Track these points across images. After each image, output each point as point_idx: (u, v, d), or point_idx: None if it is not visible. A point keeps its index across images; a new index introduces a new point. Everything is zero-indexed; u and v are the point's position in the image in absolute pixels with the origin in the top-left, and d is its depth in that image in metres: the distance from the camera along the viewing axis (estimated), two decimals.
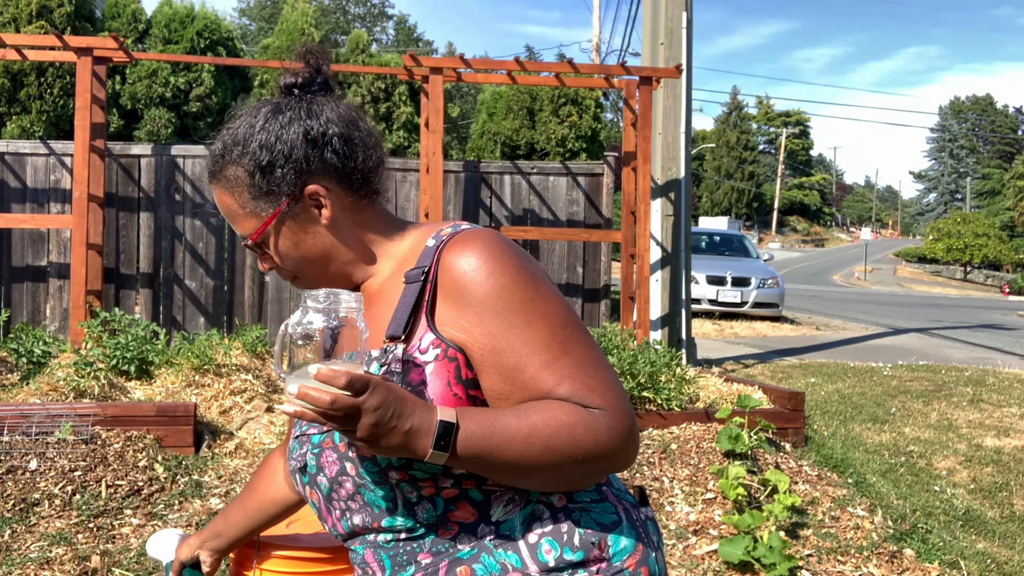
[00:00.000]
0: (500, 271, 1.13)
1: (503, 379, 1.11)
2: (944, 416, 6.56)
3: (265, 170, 1.21)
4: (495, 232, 1.20)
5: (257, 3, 41.17)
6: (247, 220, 1.23)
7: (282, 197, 1.21)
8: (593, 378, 1.11)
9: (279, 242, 1.23)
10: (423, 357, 1.14)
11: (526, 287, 1.14)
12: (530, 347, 1.10)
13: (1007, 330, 16.43)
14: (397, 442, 1.01)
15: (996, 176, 71.04)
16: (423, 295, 1.17)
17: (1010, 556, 3.99)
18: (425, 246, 1.22)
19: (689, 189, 8.21)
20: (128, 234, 7.46)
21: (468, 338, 1.13)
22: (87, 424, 4.22)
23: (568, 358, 1.11)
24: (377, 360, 1.16)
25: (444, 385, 1.12)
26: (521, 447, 1.05)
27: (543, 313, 1.13)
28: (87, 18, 10.62)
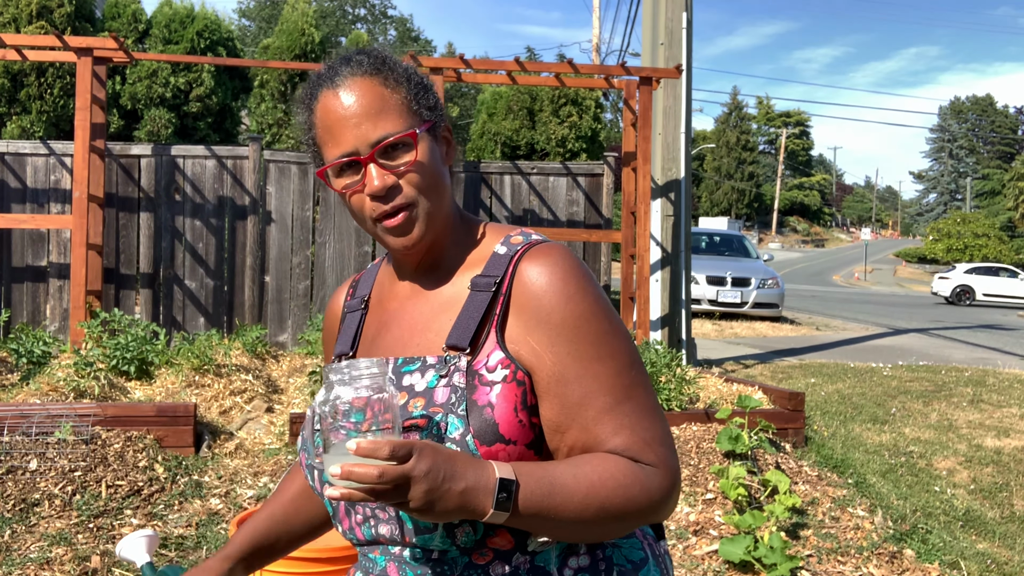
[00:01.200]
0: (580, 297, 1.09)
1: (563, 412, 1.07)
2: (944, 416, 6.56)
3: (425, 87, 1.18)
4: (569, 250, 1.14)
5: (257, 3, 41.17)
6: (404, 118, 1.13)
7: (432, 117, 1.17)
8: (649, 431, 1.08)
9: (429, 151, 1.14)
10: (490, 376, 1.08)
11: (601, 319, 1.10)
12: (596, 385, 1.07)
13: (1007, 330, 16.43)
14: (454, 504, 0.96)
15: (996, 176, 71.03)
16: (492, 307, 1.11)
17: (1010, 556, 3.99)
18: (494, 252, 1.16)
19: (689, 189, 8.21)
20: (128, 234, 7.46)
21: (537, 362, 1.08)
22: (87, 424, 4.22)
23: (629, 404, 1.08)
24: (435, 369, 1.10)
25: (511, 410, 1.06)
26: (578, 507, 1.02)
27: (614, 351, 1.09)
28: (87, 18, 10.62)
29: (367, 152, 1.11)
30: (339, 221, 7.79)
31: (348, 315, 1.32)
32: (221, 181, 7.57)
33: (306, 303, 7.75)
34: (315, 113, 1.16)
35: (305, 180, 7.72)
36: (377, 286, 1.31)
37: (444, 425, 1.05)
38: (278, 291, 7.68)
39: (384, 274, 1.31)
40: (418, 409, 1.07)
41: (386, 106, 1.12)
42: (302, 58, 11.09)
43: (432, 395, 1.08)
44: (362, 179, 1.13)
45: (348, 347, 1.27)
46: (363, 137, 1.11)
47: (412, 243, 1.14)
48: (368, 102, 1.12)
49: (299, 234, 7.73)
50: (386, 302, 1.26)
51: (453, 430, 1.05)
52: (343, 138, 1.11)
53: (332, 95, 1.13)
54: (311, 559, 1.48)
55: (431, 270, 1.21)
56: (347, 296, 1.36)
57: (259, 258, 7.59)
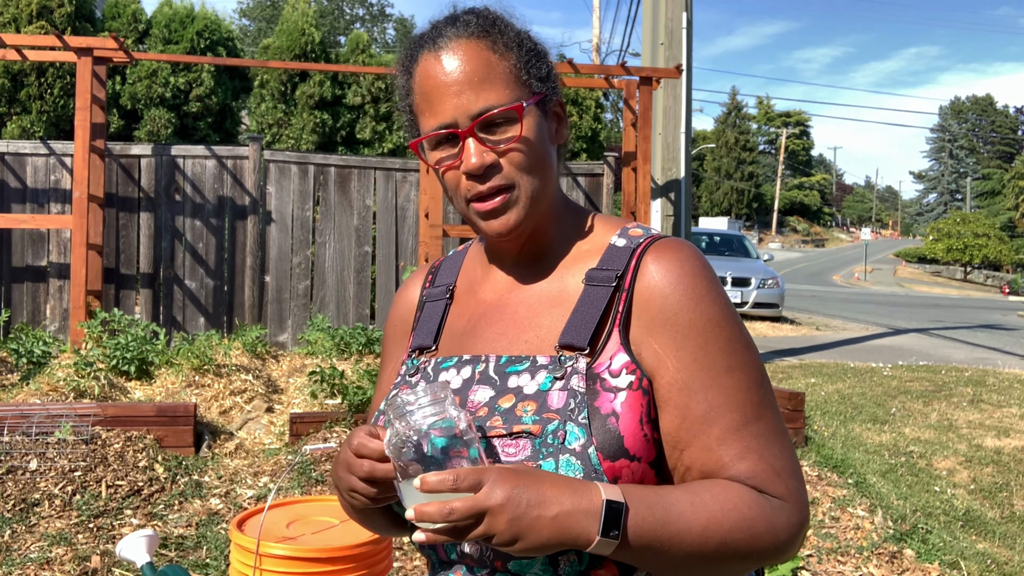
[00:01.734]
0: (711, 298, 0.98)
1: (684, 426, 0.95)
2: (944, 416, 6.56)
3: (538, 53, 1.05)
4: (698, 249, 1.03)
5: (257, 3, 41.18)
6: (510, 88, 1.00)
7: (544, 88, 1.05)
8: (779, 458, 0.95)
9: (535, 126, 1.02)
10: (614, 381, 0.96)
11: (733, 326, 0.98)
12: (724, 399, 0.95)
13: (1007, 330, 16.43)
14: (548, 533, 0.84)
15: (996, 176, 71.05)
16: (613, 303, 0.99)
17: (1010, 556, 3.99)
18: (611, 244, 1.05)
19: (689, 189, 8.21)
20: (128, 234, 7.46)
21: (658, 366, 0.96)
22: (87, 424, 4.22)
23: (758, 425, 0.95)
24: (548, 370, 0.98)
25: (636, 422, 0.94)
26: (696, 541, 0.89)
27: (744, 362, 0.97)
28: (87, 18, 10.62)
29: (466, 125, 0.99)
30: (339, 221, 7.79)
31: (428, 304, 1.18)
32: (221, 181, 7.57)
33: (306, 303, 7.75)
34: (413, 77, 1.04)
35: (305, 180, 7.72)
36: (465, 274, 1.19)
37: (562, 434, 0.93)
38: (278, 291, 7.67)
39: (474, 261, 1.19)
40: (529, 414, 0.95)
41: (491, 74, 1.00)
42: (302, 58, 11.09)
43: (546, 399, 0.96)
44: (459, 154, 1.01)
45: (430, 340, 1.13)
46: (463, 108, 0.99)
47: (507, 229, 1.02)
48: (472, 69, 0.99)
49: (299, 234, 7.73)
50: (479, 292, 1.14)
51: (573, 440, 0.92)
52: (441, 108, 1.00)
53: (433, 59, 1.01)
54: (311, 559, 1.48)
55: (534, 260, 1.09)
56: (426, 283, 1.22)
57: (259, 258, 7.59)
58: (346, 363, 6.27)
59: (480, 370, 1.03)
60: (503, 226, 1.02)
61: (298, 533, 1.58)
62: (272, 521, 1.62)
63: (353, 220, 7.81)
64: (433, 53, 1.01)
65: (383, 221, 7.91)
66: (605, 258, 1.03)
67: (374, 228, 7.91)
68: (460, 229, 7.37)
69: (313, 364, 6.24)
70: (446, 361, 1.08)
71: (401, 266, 7.89)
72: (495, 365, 1.02)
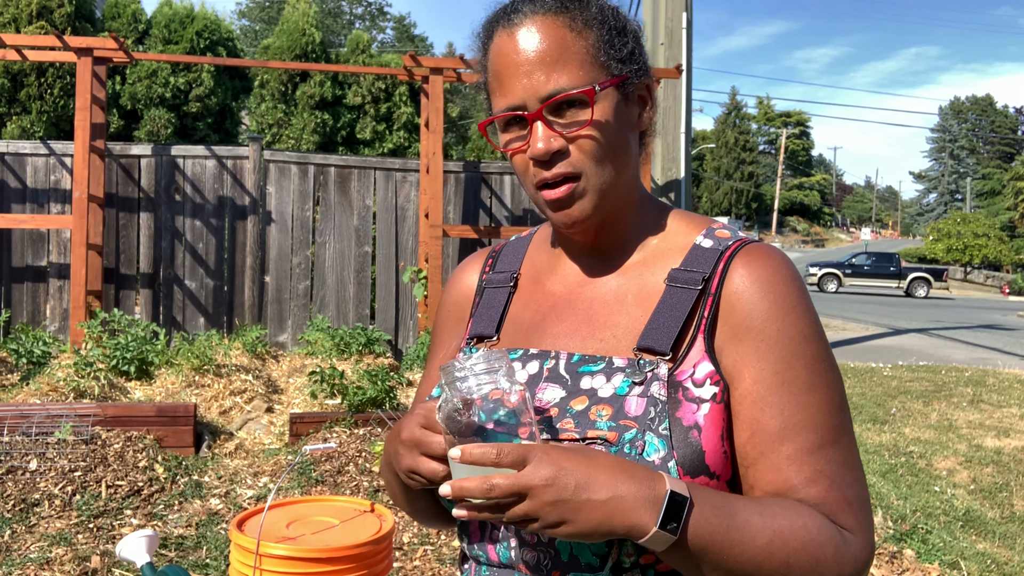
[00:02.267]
0: (802, 311, 0.92)
1: (753, 441, 0.89)
2: (944, 416, 6.56)
3: (622, 32, 0.98)
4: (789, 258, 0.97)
5: (257, 3, 41.19)
6: (585, 70, 0.94)
7: (626, 69, 0.97)
8: (851, 487, 0.90)
9: (611, 112, 0.95)
10: (697, 391, 0.90)
11: (820, 341, 0.93)
12: (801, 418, 0.89)
13: (1007, 330, 16.43)
14: (599, 519, 0.79)
15: (996, 176, 71.06)
16: (697, 308, 0.94)
17: (1010, 556, 3.99)
18: (696, 244, 0.99)
19: (689, 189, 8.21)
20: (128, 234, 7.46)
21: (736, 376, 0.91)
22: (87, 424, 4.22)
23: (833, 450, 0.89)
24: (625, 374, 0.92)
25: (718, 437, 0.89)
26: (759, 554, 0.83)
27: (827, 382, 0.91)
28: (87, 18, 10.62)
29: (535, 107, 0.94)
30: (339, 221, 7.79)
31: (488, 290, 1.11)
32: (221, 181, 7.57)
33: (306, 303, 7.75)
34: (488, 55, 0.99)
35: (305, 180, 7.72)
36: (530, 261, 1.12)
37: (641, 444, 0.87)
38: (278, 291, 7.67)
39: (540, 249, 1.12)
40: (604, 419, 0.89)
41: (566, 54, 0.93)
42: (302, 58, 11.09)
43: (623, 404, 0.90)
44: (527, 138, 0.96)
45: (492, 329, 1.07)
46: (533, 89, 0.93)
47: (572, 220, 0.97)
48: (545, 48, 0.93)
49: (299, 234, 7.73)
50: (547, 283, 1.07)
51: (652, 452, 0.86)
52: (512, 88, 0.94)
53: (507, 36, 0.96)
54: (311, 559, 1.48)
55: (609, 253, 1.03)
56: (485, 268, 1.15)
57: (259, 258, 7.59)
58: (346, 363, 6.27)
59: (549, 367, 0.97)
60: (568, 218, 0.97)
61: (298, 533, 1.58)
62: (272, 521, 1.62)
63: (353, 220, 7.81)
64: (507, 30, 0.96)
65: (383, 221, 7.91)
66: (689, 258, 0.97)
67: (374, 228, 7.91)
68: (460, 229, 7.37)
69: (313, 364, 6.24)
70: (510, 353, 1.02)
71: (401, 266, 7.89)
72: (566, 363, 0.96)
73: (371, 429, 4.69)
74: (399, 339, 7.96)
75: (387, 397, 5.02)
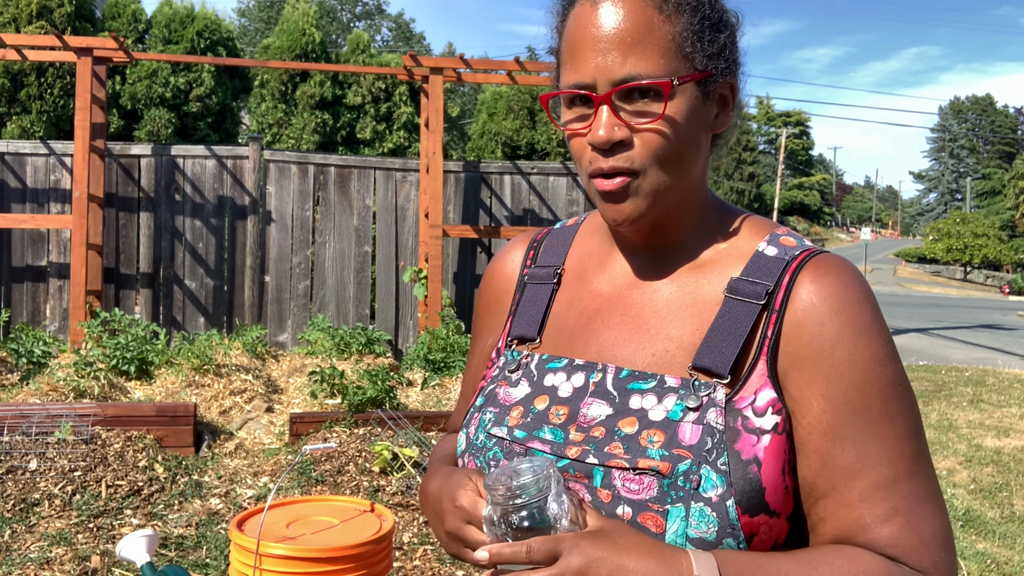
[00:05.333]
0: (875, 332, 0.84)
1: (821, 474, 0.82)
2: (944, 416, 6.56)
3: (717, 24, 0.90)
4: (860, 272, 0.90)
5: (257, 3, 41.19)
6: (667, 58, 0.85)
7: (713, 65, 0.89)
8: (929, 524, 0.82)
9: (688, 106, 0.87)
10: (758, 421, 0.83)
11: (895, 365, 0.85)
12: (875, 450, 0.81)
13: (1007, 330, 16.44)
14: None
15: (996, 176, 71.06)
16: (759, 325, 0.86)
17: (1010, 556, 3.99)
18: (757, 251, 0.91)
19: None
20: (128, 234, 7.46)
21: (802, 404, 0.83)
22: (87, 424, 4.22)
23: (910, 483, 0.82)
24: (678, 396, 0.85)
25: (779, 472, 0.82)
26: None
27: (903, 408, 0.84)
28: (87, 18, 10.62)
29: (605, 90, 0.86)
30: (339, 221, 7.79)
31: (530, 286, 1.04)
32: (221, 181, 7.57)
33: (306, 303, 7.75)
34: (566, 22, 0.91)
35: (305, 180, 7.72)
36: (576, 255, 1.04)
37: (696, 479, 0.81)
38: (278, 291, 7.67)
39: (589, 241, 1.04)
40: (656, 446, 0.83)
41: (649, 38, 0.85)
42: (302, 58, 11.09)
43: (676, 431, 0.83)
44: (591, 121, 0.88)
45: (534, 331, 1.00)
46: (606, 70, 0.85)
47: (623, 218, 0.89)
48: (628, 27, 0.85)
49: (299, 234, 7.73)
50: (593, 281, 1.00)
51: (709, 487, 0.80)
52: (584, 64, 0.86)
53: (590, 5, 0.87)
54: (311, 559, 1.48)
55: (665, 255, 0.95)
56: (527, 259, 1.07)
57: (259, 258, 7.59)
58: (346, 363, 6.27)
59: (596, 380, 0.91)
60: (619, 214, 0.89)
61: (298, 533, 1.58)
62: (272, 521, 1.62)
63: (353, 220, 7.81)
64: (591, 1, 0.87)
65: (383, 221, 7.91)
66: (751, 267, 0.89)
67: (374, 228, 7.91)
68: (460, 229, 7.37)
69: (313, 364, 6.24)
70: (553, 361, 0.95)
71: (401, 266, 7.89)
72: (614, 378, 0.89)
73: (371, 429, 4.69)
74: (399, 339, 7.96)
75: (387, 397, 5.02)
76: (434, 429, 4.78)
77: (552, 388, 0.92)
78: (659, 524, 0.81)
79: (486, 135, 11.67)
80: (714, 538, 0.80)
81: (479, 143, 11.74)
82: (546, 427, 0.90)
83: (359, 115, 11.63)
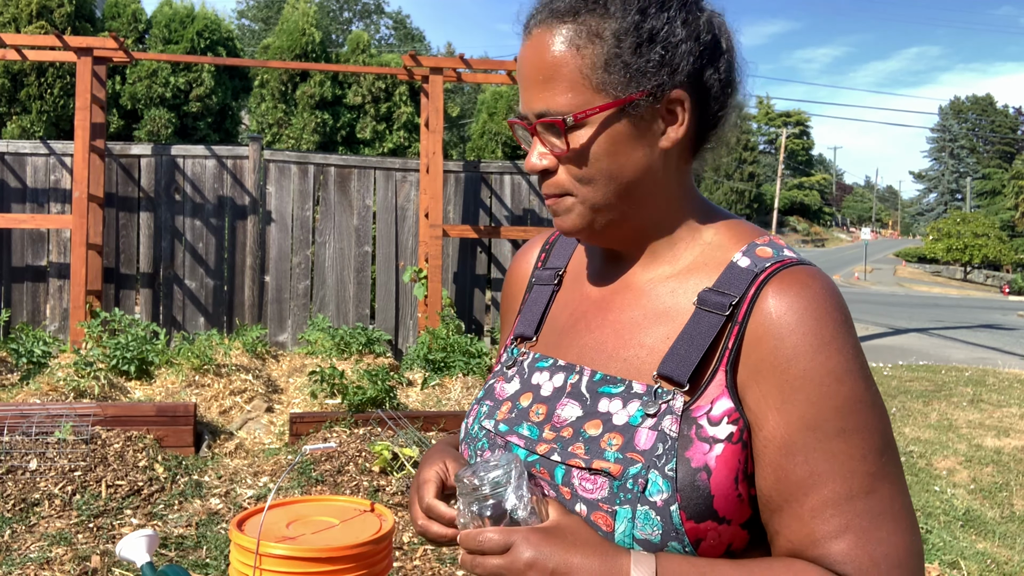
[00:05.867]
0: (836, 347, 0.83)
1: (776, 488, 0.84)
2: (944, 416, 6.56)
3: (642, 42, 0.88)
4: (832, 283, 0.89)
5: (257, 3, 41.19)
6: (574, 92, 0.88)
7: (640, 87, 0.88)
8: (884, 544, 0.81)
9: (599, 138, 0.89)
10: (712, 429, 0.84)
11: (856, 380, 0.83)
12: (828, 466, 0.82)
13: (1007, 330, 16.44)
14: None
15: (996, 176, 71.06)
16: (723, 336, 0.87)
17: (1010, 556, 3.99)
18: (732, 262, 0.91)
19: None
20: (128, 234, 7.46)
21: (760, 418, 0.84)
22: (87, 424, 4.22)
23: (868, 501, 0.82)
24: (641, 402, 0.88)
25: (731, 480, 0.83)
26: None
27: (862, 425, 0.83)
28: (87, 18, 10.62)
29: (532, 122, 0.92)
30: (339, 221, 7.80)
31: (536, 287, 1.10)
32: (221, 181, 7.57)
33: (306, 303, 7.75)
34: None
35: (305, 180, 7.72)
36: (577, 259, 1.09)
37: (643, 482, 0.84)
38: (278, 291, 7.68)
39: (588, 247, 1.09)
40: (613, 449, 0.87)
41: (558, 74, 0.88)
42: (302, 58, 11.09)
43: (633, 436, 0.86)
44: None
45: (532, 330, 1.06)
46: (529, 104, 0.92)
47: (564, 231, 0.96)
48: (541, 64, 0.89)
49: (299, 234, 7.73)
50: (583, 284, 1.05)
51: (655, 492, 0.83)
52: (520, 97, 0.94)
53: (522, 41, 0.93)
54: (311, 559, 1.48)
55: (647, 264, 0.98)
56: (539, 260, 1.14)
57: (259, 258, 7.59)
58: (346, 363, 6.27)
59: (572, 382, 0.95)
60: (560, 228, 0.96)
61: (298, 533, 1.58)
62: (272, 521, 1.62)
63: (353, 220, 7.81)
64: (524, 35, 0.93)
65: (383, 221, 7.91)
66: (723, 279, 0.90)
67: (374, 228, 7.91)
68: (460, 229, 7.37)
69: (313, 364, 6.24)
70: (541, 361, 1.01)
71: (401, 266, 7.89)
72: (588, 381, 0.94)
73: (371, 429, 4.69)
74: (399, 339, 7.96)
75: (387, 397, 5.02)
76: (434, 429, 4.78)
77: (536, 387, 0.98)
78: (608, 523, 0.85)
79: (486, 135, 11.67)
80: (659, 540, 0.83)
81: (479, 143, 11.75)
82: (525, 424, 0.96)
83: (359, 115, 11.63)
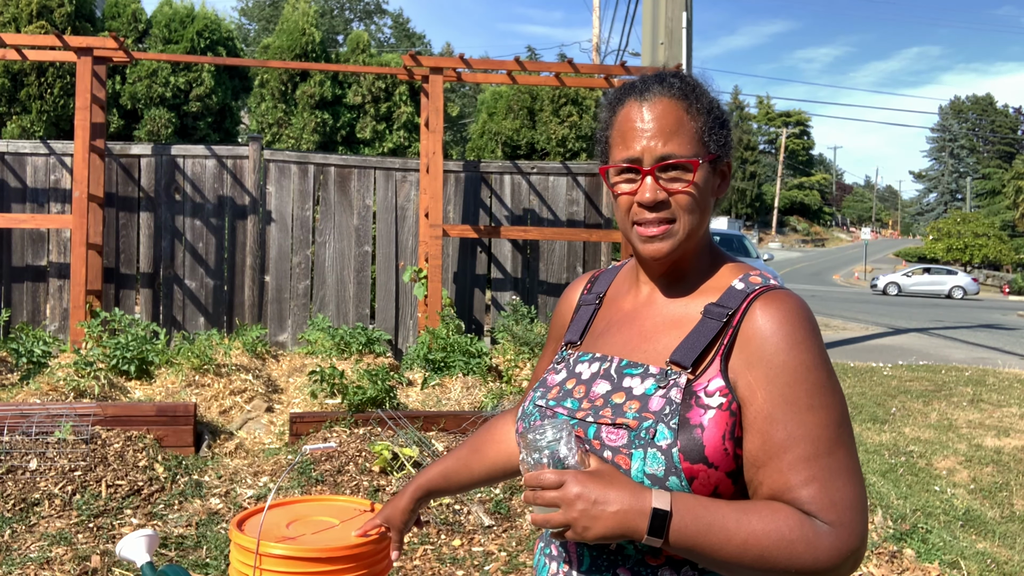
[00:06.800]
0: (806, 346, 1.14)
1: (763, 449, 1.12)
2: (944, 416, 6.55)
3: (723, 123, 1.26)
4: (805, 302, 1.20)
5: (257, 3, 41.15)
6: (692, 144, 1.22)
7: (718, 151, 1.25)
8: (841, 491, 1.10)
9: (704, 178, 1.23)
10: (707, 399, 1.15)
11: (821, 372, 1.14)
12: (801, 432, 1.11)
13: (1007, 330, 16.44)
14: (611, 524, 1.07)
15: (996, 176, 71.01)
16: (720, 336, 1.19)
17: (1010, 556, 3.99)
18: (731, 286, 1.24)
19: None
20: (128, 234, 7.46)
21: (750, 396, 1.14)
22: (87, 424, 4.22)
23: (828, 459, 1.10)
24: (655, 379, 1.19)
25: (719, 436, 1.13)
26: (735, 551, 1.07)
27: (826, 404, 1.13)
28: (87, 18, 10.61)
29: (650, 164, 1.21)
30: (339, 221, 7.79)
31: (583, 307, 1.44)
32: (221, 181, 7.57)
33: (306, 303, 7.75)
34: (616, 115, 1.27)
35: (305, 180, 7.72)
36: (616, 286, 1.43)
37: (653, 431, 1.13)
38: (278, 291, 7.67)
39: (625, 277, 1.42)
40: (632, 411, 1.17)
41: (680, 130, 1.21)
42: (302, 58, 11.09)
43: (648, 402, 1.17)
44: (638, 186, 1.23)
45: (577, 336, 1.39)
46: (651, 150, 1.21)
47: (662, 255, 1.23)
48: (666, 122, 1.21)
49: (299, 234, 7.73)
50: (620, 302, 1.37)
51: (661, 438, 1.12)
52: (633, 144, 1.22)
53: (637, 105, 1.24)
54: (311, 559, 1.48)
55: (671, 285, 1.30)
56: (584, 290, 1.48)
57: (259, 258, 7.59)
58: (346, 363, 6.27)
59: (604, 368, 1.27)
60: (658, 251, 1.23)
61: (298, 533, 1.58)
62: (272, 521, 1.62)
63: (353, 220, 7.81)
64: (638, 101, 1.24)
65: (383, 221, 7.90)
66: (724, 297, 1.23)
67: (374, 228, 7.91)
68: (460, 229, 7.37)
69: (313, 364, 6.23)
70: (583, 355, 1.33)
71: (401, 266, 7.89)
72: (616, 366, 1.25)
73: (371, 429, 4.69)
74: (399, 339, 7.96)
75: (387, 397, 5.02)
76: (434, 429, 4.78)
77: (578, 374, 1.30)
78: (626, 463, 1.15)
79: (486, 135, 11.67)
80: (662, 475, 1.12)
81: (479, 143, 11.74)
82: (569, 399, 1.27)
83: (359, 115, 11.63)
